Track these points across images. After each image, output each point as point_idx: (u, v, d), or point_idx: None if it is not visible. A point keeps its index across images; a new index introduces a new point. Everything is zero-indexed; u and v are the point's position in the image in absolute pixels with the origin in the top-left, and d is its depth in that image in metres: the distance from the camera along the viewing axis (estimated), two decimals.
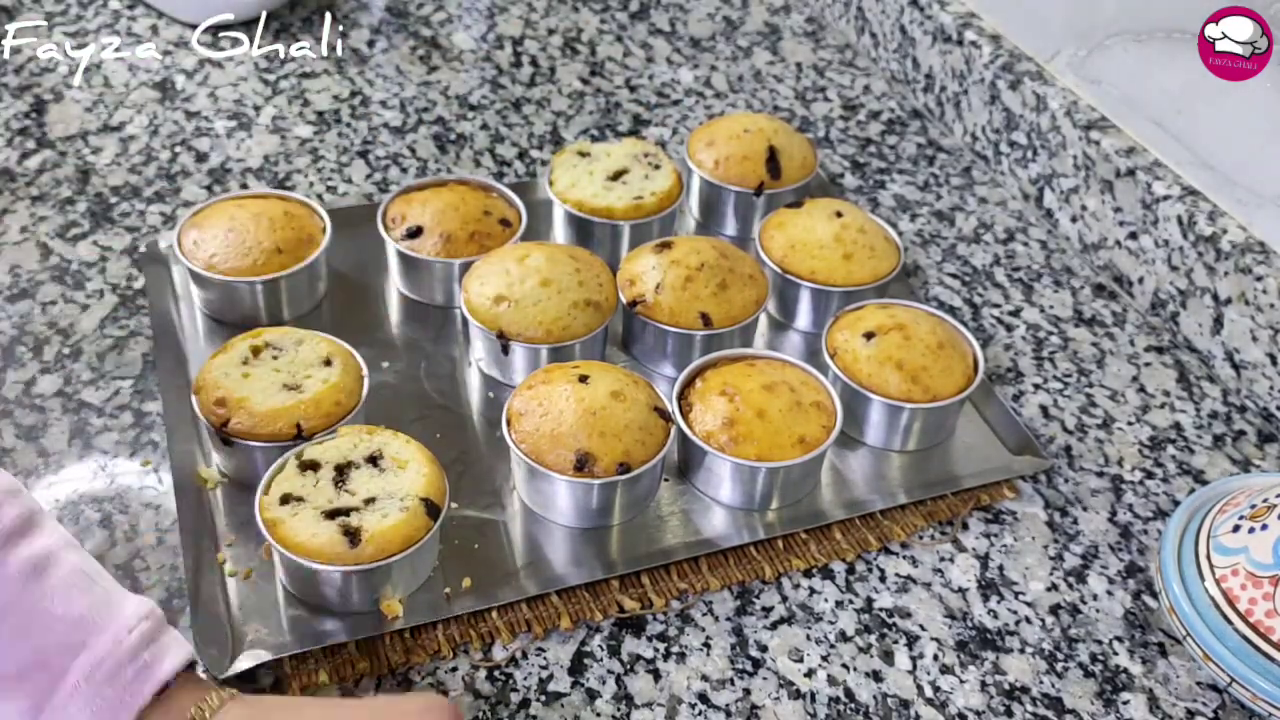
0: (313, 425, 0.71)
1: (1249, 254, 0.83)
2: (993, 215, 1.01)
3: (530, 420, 0.72)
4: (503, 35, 1.19)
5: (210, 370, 0.73)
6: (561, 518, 0.72)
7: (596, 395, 0.72)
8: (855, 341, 0.79)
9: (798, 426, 0.73)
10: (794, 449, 0.72)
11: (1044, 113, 0.98)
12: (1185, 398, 0.86)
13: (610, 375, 0.74)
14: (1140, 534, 0.76)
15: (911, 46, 1.12)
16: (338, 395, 0.73)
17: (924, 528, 0.75)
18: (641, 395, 0.73)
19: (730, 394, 0.74)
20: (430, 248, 0.85)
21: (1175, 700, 0.67)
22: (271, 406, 0.71)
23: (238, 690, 0.58)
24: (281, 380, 0.73)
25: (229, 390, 0.72)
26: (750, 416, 0.73)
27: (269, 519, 0.66)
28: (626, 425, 0.71)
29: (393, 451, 0.69)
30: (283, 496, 0.67)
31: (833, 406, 0.76)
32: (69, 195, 0.95)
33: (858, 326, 0.80)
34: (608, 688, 0.66)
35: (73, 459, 0.75)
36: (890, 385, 0.77)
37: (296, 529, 0.65)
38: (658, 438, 0.72)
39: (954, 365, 0.78)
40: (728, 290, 0.82)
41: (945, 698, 0.66)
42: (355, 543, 0.64)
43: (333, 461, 0.69)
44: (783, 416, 0.73)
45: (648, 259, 0.83)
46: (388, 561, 0.64)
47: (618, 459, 0.70)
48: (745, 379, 0.75)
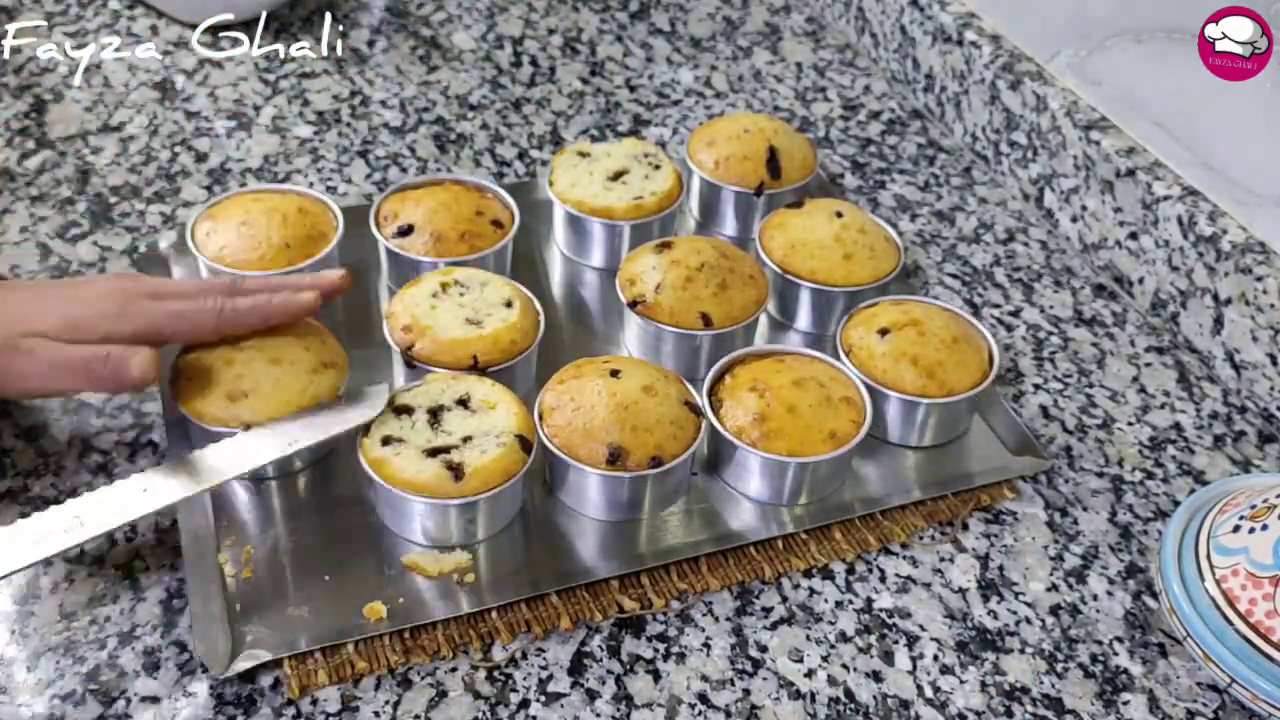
0: (489, 358, 0.76)
1: (1249, 254, 0.83)
2: (993, 215, 1.01)
3: (562, 414, 0.72)
4: (503, 35, 1.19)
5: (401, 299, 0.79)
6: (592, 511, 0.73)
7: (628, 389, 0.72)
8: (870, 338, 0.80)
9: (828, 422, 0.73)
10: (825, 444, 0.73)
11: (1044, 113, 0.98)
12: (1185, 398, 0.86)
13: (642, 370, 0.75)
14: (1140, 534, 0.76)
15: (911, 46, 1.12)
16: (514, 334, 0.78)
17: (924, 528, 0.75)
18: (672, 390, 0.74)
19: (760, 389, 0.74)
20: (420, 246, 0.85)
21: (1175, 701, 0.67)
22: (453, 337, 0.77)
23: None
24: (465, 315, 0.78)
25: (416, 319, 0.77)
26: (781, 412, 0.73)
27: (373, 459, 0.69)
28: (658, 419, 0.72)
29: (480, 394, 0.73)
30: (383, 438, 0.70)
31: (862, 402, 0.76)
32: (69, 195, 0.95)
33: (872, 324, 0.81)
34: (607, 688, 0.66)
35: (73, 459, 0.75)
36: (906, 381, 0.77)
37: (402, 466, 0.68)
38: (689, 432, 0.73)
39: (969, 360, 0.79)
40: (728, 290, 0.82)
41: (945, 698, 0.66)
42: (459, 477, 0.68)
43: (424, 405, 0.72)
44: (813, 412, 0.73)
45: (648, 259, 0.83)
46: (493, 493, 0.68)
47: (650, 453, 0.71)
48: (775, 375, 0.75)
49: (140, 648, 0.65)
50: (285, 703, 0.63)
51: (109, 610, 0.67)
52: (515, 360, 0.78)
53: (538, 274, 0.92)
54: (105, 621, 0.66)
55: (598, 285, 0.91)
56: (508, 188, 0.92)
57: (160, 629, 0.66)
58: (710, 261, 0.82)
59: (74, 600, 0.67)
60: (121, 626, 0.66)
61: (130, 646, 0.65)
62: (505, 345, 0.77)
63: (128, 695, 0.63)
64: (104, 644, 0.65)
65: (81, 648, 0.65)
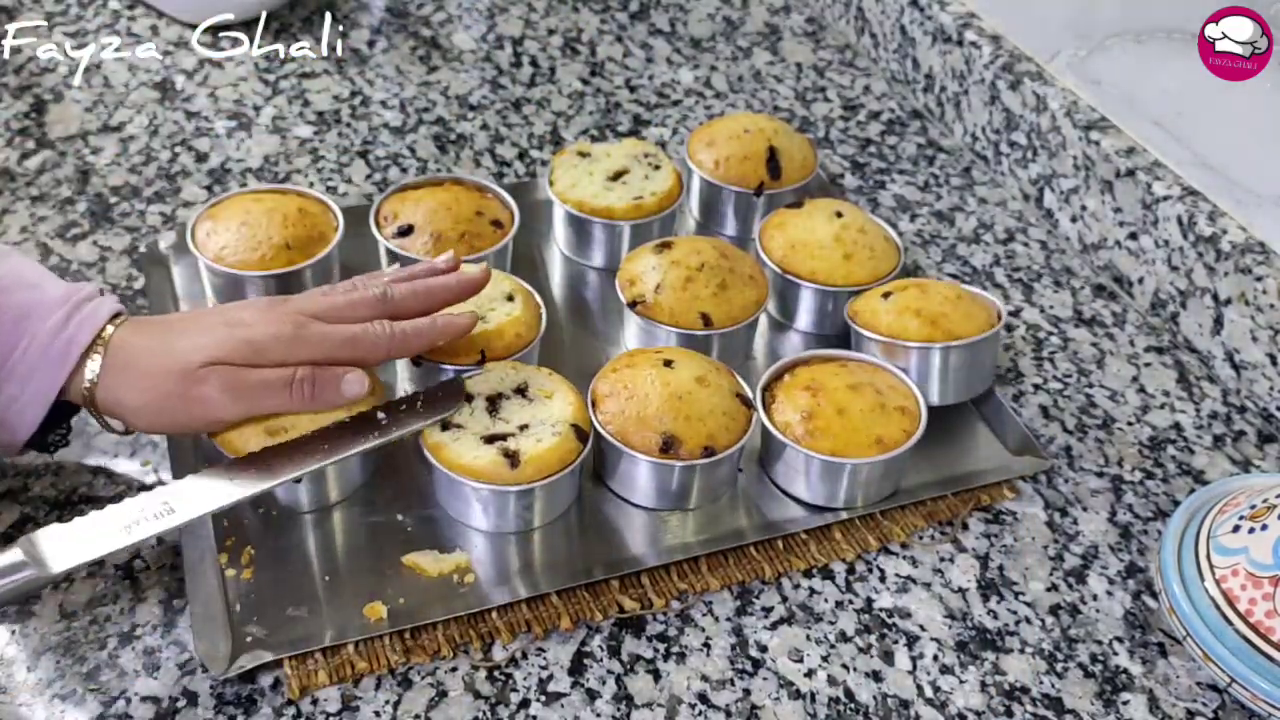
0: (495, 352, 0.77)
1: (1249, 254, 0.83)
2: (993, 215, 1.01)
3: (615, 402, 0.73)
4: (503, 35, 1.19)
5: None
6: (641, 499, 0.74)
7: (681, 380, 0.73)
8: (874, 301, 0.81)
9: (877, 427, 0.73)
10: (871, 449, 0.73)
11: (1044, 113, 0.98)
12: (1185, 398, 0.86)
13: (694, 360, 0.75)
14: (1140, 534, 0.76)
15: (911, 47, 1.12)
16: (518, 328, 0.78)
17: (924, 528, 0.75)
18: (725, 381, 0.75)
19: (814, 389, 0.75)
20: (420, 247, 0.85)
21: (1175, 700, 0.67)
22: None
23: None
24: (469, 310, 0.77)
25: None
26: (830, 413, 0.73)
27: (432, 444, 0.70)
28: (711, 410, 0.72)
29: (538, 384, 0.74)
30: (442, 424, 0.71)
31: (918, 411, 0.75)
32: (69, 195, 0.95)
33: (875, 292, 0.82)
34: (608, 688, 0.66)
35: (73, 459, 0.75)
36: (911, 331, 0.78)
37: (460, 452, 0.70)
38: (740, 424, 0.73)
39: (975, 313, 0.80)
40: (728, 290, 0.82)
41: (945, 698, 0.66)
42: (515, 464, 0.69)
43: (484, 393, 0.73)
44: (863, 416, 0.73)
45: (648, 259, 0.83)
46: (547, 481, 0.69)
47: (702, 442, 0.71)
48: (832, 377, 0.76)
49: (140, 648, 0.65)
50: (285, 703, 0.63)
51: (109, 610, 0.67)
52: (521, 353, 0.78)
53: (538, 274, 0.92)
54: (105, 621, 0.66)
55: (598, 285, 0.91)
56: (508, 188, 0.92)
57: (160, 629, 0.66)
58: (710, 262, 0.82)
59: (74, 600, 0.67)
60: (121, 626, 0.66)
61: (130, 646, 0.65)
62: (510, 339, 0.77)
63: (128, 695, 0.63)
64: (104, 644, 0.65)
65: (81, 648, 0.65)
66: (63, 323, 0.67)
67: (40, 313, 0.67)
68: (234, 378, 0.67)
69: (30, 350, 0.67)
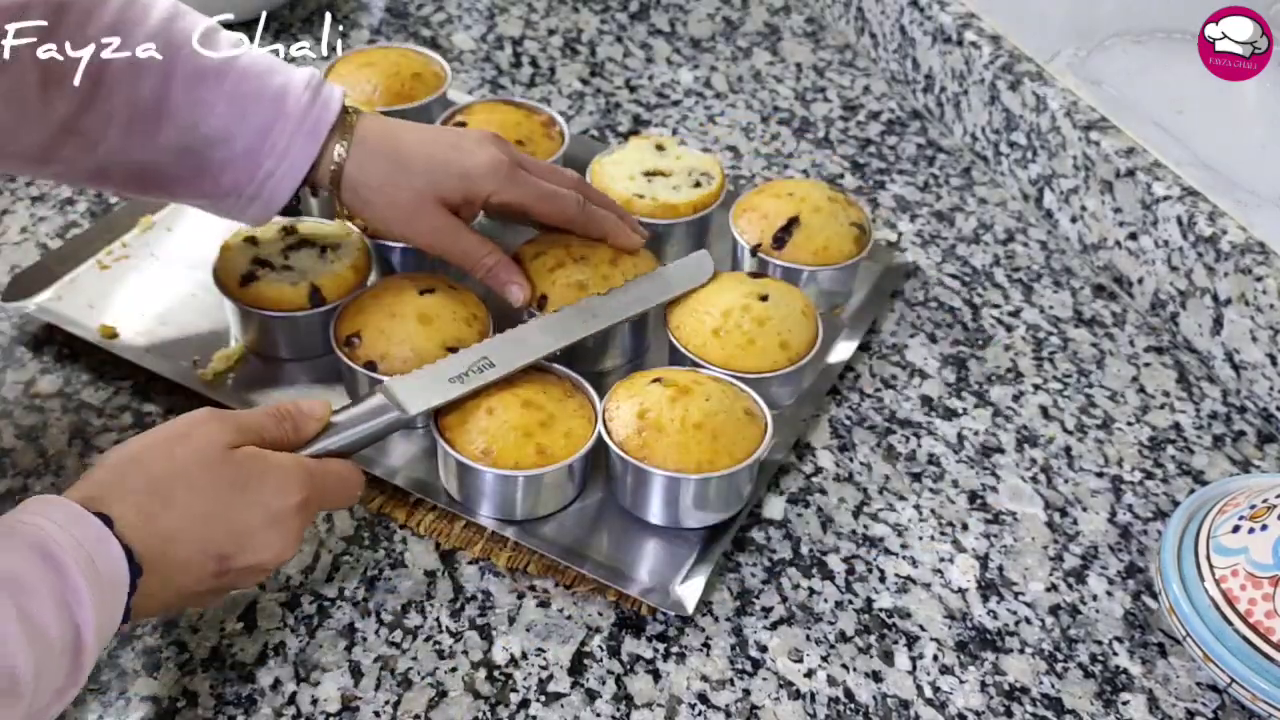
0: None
1: (1249, 254, 0.83)
2: (993, 215, 1.01)
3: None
4: (503, 35, 1.19)
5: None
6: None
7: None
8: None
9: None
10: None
11: (1044, 113, 0.98)
12: (1185, 398, 0.86)
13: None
14: (1140, 534, 0.76)
15: (911, 47, 1.12)
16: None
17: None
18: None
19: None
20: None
21: (1175, 701, 0.67)
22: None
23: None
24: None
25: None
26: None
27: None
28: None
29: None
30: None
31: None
32: (69, 195, 0.95)
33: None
34: (607, 688, 0.66)
35: (73, 459, 0.75)
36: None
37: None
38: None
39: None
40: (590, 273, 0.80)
41: (945, 698, 0.66)
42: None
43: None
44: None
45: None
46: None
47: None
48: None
49: (140, 648, 0.65)
50: (285, 702, 0.63)
51: None
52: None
53: None
54: None
55: None
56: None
57: (160, 629, 0.66)
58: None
59: None
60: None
61: (130, 646, 0.65)
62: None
63: (128, 695, 0.63)
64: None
65: None
66: (310, 102, 0.73)
67: (294, 92, 0.73)
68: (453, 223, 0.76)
69: (286, 128, 0.72)
